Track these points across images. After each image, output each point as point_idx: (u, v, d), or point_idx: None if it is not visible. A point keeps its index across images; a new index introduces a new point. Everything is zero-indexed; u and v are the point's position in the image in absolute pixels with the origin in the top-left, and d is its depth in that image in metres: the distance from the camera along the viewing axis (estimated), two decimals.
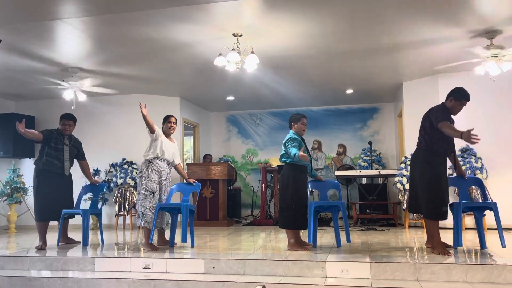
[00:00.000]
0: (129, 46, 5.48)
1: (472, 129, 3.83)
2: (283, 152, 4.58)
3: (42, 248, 4.95)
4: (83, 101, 6.82)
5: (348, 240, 4.65)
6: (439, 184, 4.18)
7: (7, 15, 4.47)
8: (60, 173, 5.21)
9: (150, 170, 4.84)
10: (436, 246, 4.17)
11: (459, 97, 4.29)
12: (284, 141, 4.56)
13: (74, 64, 6.13)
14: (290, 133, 4.62)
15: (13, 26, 4.76)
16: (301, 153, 4.19)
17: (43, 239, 5.05)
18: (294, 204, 4.46)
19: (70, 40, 5.21)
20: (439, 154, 4.25)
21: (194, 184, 5.17)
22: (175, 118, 5.12)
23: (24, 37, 5.07)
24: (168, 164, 5.03)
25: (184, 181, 5.26)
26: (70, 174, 5.37)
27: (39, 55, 5.68)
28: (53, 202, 5.11)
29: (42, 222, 5.12)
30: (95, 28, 4.88)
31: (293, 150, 4.29)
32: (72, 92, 6.48)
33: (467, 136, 3.84)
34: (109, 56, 5.84)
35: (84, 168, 5.56)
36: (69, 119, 5.32)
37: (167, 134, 5.08)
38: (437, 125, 4.14)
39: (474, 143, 3.83)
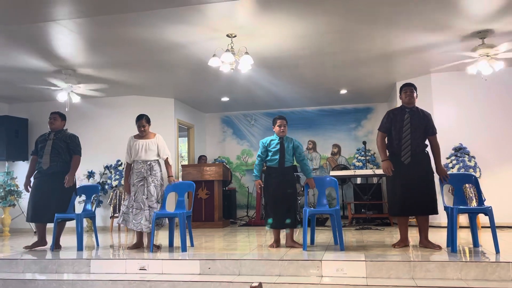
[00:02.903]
0: (123, 47, 5.47)
1: (392, 169, 4.40)
2: None
3: (38, 246, 5.12)
4: (77, 103, 6.81)
5: (342, 248, 4.41)
6: (393, 182, 4.47)
7: (0, 17, 4.45)
8: (43, 172, 5.08)
9: (131, 172, 5.04)
10: (399, 240, 4.55)
11: (401, 88, 4.62)
12: None
13: (68, 66, 6.11)
14: (274, 135, 4.87)
15: (5, 28, 4.73)
16: (257, 182, 4.84)
17: (39, 237, 5.19)
18: (265, 203, 4.87)
19: (64, 41, 5.19)
20: (394, 153, 4.48)
21: (171, 183, 5.04)
22: (144, 120, 5.03)
23: (17, 39, 5.04)
24: (147, 164, 4.97)
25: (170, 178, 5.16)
26: (58, 175, 5.09)
27: (33, 57, 5.66)
28: (35, 204, 5.06)
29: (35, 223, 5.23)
30: (88, 30, 4.87)
31: (255, 169, 4.88)
32: (66, 94, 6.46)
33: (385, 167, 4.43)
34: (102, 57, 5.83)
35: (72, 163, 5.22)
36: (53, 113, 5.32)
37: (140, 135, 5.07)
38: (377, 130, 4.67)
39: (387, 173, 4.45)
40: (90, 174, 7.72)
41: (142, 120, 5.03)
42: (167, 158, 5.10)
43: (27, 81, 6.72)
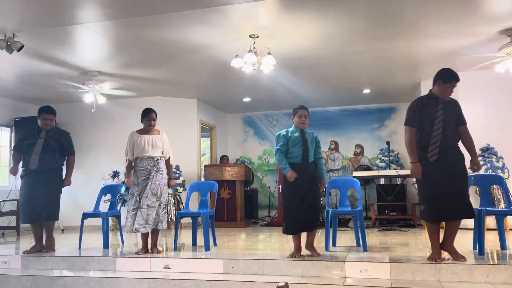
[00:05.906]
0: (147, 49, 5.55)
1: (420, 174, 3.77)
2: None
3: (37, 250, 4.78)
4: (103, 104, 6.95)
5: (365, 249, 4.37)
6: (422, 183, 3.84)
7: (29, 21, 4.58)
8: (29, 172, 4.69)
9: (133, 172, 4.67)
10: (432, 251, 3.85)
11: (447, 79, 3.78)
12: None
13: (94, 68, 6.25)
14: (292, 127, 4.36)
15: (34, 32, 4.87)
16: (290, 173, 4.05)
17: (36, 240, 4.84)
18: (285, 206, 4.19)
19: (90, 44, 5.31)
20: (424, 151, 3.81)
21: (171, 187, 4.85)
22: (155, 113, 4.74)
23: (45, 42, 5.19)
24: (154, 160, 4.65)
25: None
26: (43, 172, 4.72)
27: (60, 59, 5.81)
28: (24, 205, 4.73)
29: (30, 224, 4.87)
30: (114, 32, 4.97)
31: (281, 162, 4.16)
32: (92, 95, 6.60)
33: (415, 171, 3.78)
34: (127, 59, 5.94)
35: (68, 164, 4.93)
36: (49, 113, 4.83)
37: (147, 130, 4.74)
38: (404, 125, 3.91)
39: (416, 177, 3.85)
40: (115, 174, 7.86)
41: (153, 114, 4.71)
42: (169, 157, 4.80)
43: (55, 83, 6.90)
